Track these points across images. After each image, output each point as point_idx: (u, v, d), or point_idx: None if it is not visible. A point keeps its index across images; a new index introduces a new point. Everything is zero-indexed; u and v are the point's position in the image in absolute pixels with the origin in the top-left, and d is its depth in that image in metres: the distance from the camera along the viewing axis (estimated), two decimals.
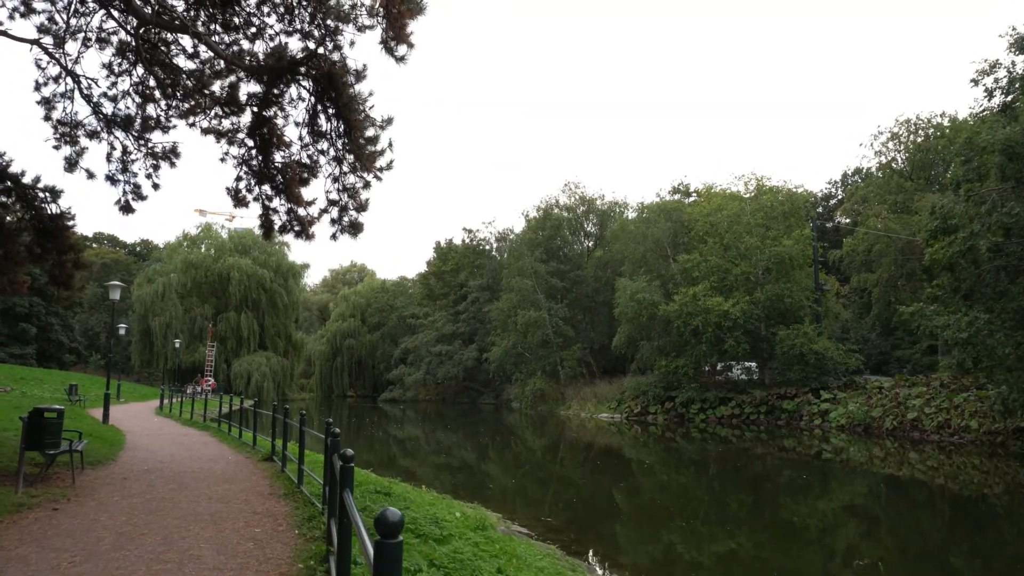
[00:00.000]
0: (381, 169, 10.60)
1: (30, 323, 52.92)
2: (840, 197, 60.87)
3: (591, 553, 10.39)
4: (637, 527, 13.13)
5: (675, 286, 39.97)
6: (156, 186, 12.77)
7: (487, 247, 64.02)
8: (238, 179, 12.59)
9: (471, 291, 62.17)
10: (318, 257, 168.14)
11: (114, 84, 13.27)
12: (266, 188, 12.48)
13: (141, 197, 12.83)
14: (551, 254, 51.11)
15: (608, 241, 51.35)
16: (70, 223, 12.61)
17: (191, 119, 12.89)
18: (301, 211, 12.28)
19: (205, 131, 12.76)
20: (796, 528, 12.94)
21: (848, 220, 52.13)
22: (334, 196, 11.21)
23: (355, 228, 11.05)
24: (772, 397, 34.31)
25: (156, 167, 12.80)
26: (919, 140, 46.74)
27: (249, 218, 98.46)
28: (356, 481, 10.12)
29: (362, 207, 11.03)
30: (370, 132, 10.38)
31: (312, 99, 10.94)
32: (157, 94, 13.28)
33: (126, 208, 12.77)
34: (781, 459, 23.99)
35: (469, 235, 64.09)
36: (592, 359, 49.18)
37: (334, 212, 11.21)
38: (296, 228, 12.41)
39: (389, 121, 10.47)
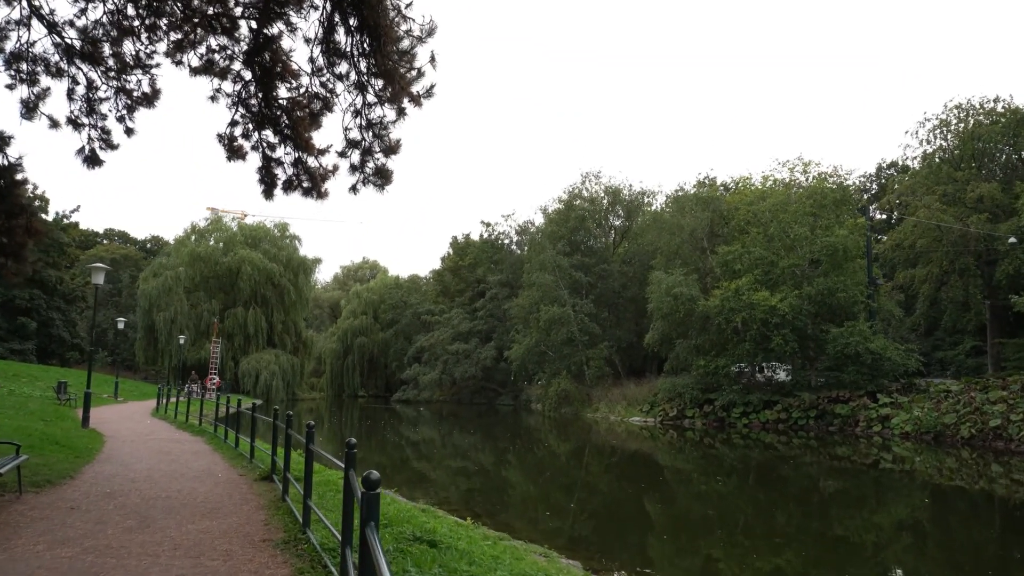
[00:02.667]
0: (419, 96, 7.88)
1: (30, 317, 50.64)
2: (874, 191, 57.95)
3: None
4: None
5: (713, 280, 37.17)
6: (130, 131, 10.11)
7: (506, 241, 61.30)
8: (232, 123, 9.94)
9: (489, 287, 59.44)
10: (329, 252, 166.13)
11: (83, 12, 10.66)
12: (267, 134, 9.83)
13: (111, 146, 10.20)
14: (574, 247, 48.30)
15: (636, 233, 48.46)
16: (21, 177, 10.03)
17: (179, 56, 10.23)
18: (311, 161, 9.62)
19: (195, 71, 10.09)
20: (850, 544, 11.49)
21: (883, 215, 49.04)
22: (355, 135, 8.51)
23: (382, 177, 8.35)
24: (823, 401, 31.41)
25: (131, 108, 10.15)
26: (968, 127, 43.60)
27: (262, 216, 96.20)
28: (384, 517, 7.44)
29: (391, 149, 8.32)
30: (405, 43, 7.68)
31: (327, 6, 8.27)
32: (136, 24, 10.65)
33: (92, 159, 10.12)
34: (833, 468, 21.56)
35: (487, 229, 61.41)
36: (618, 359, 46.37)
37: (355, 156, 8.52)
38: (305, 184, 9.75)
39: (430, 31, 7.77)
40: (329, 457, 4.84)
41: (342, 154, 8.51)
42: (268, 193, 9.88)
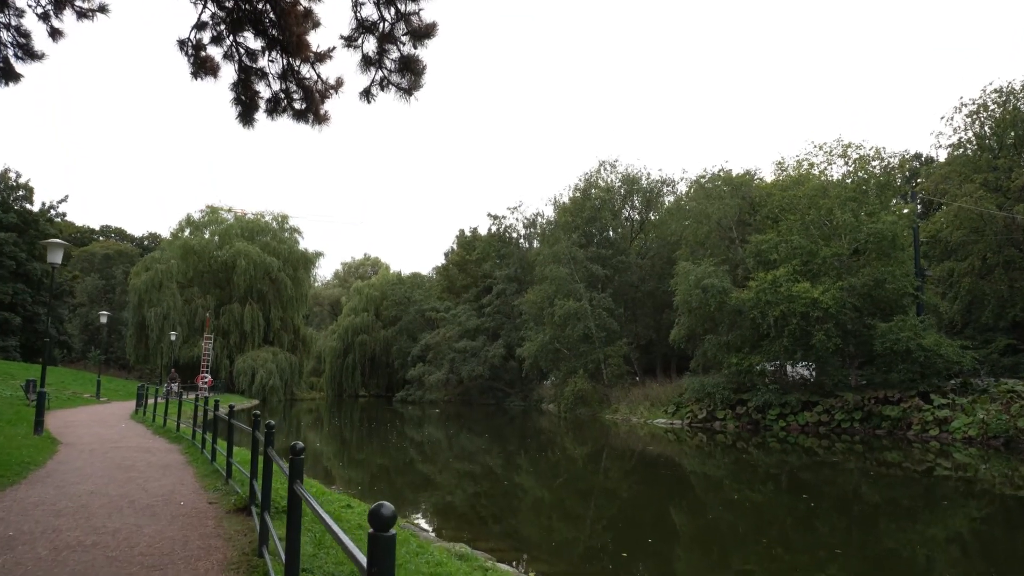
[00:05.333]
0: None
1: (14, 312, 47.91)
2: (897, 183, 55.43)
3: None
4: None
5: (744, 271, 34.47)
6: (56, 34, 7.42)
7: (514, 235, 58.53)
8: (199, 26, 7.23)
9: (496, 282, 56.67)
10: (329, 250, 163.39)
11: None
12: (246, 36, 7.14)
13: (32, 55, 7.51)
14: (589, 239, 45.57)
15: (656, 224, 45.72)
16: None
17: None
18: (306, 71, 6.93)
19: None
20: (902, 559, 10.27)
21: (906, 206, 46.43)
22: (369, 13, 5.80)
23: (410, 70, 5.68)
24: (868, 401, 28.71)
25: (59, 5, 7.49)
26: (1009, 111, 40.88)
27: (261, 211, 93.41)
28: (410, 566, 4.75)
29: (423, 32, 5.64)
30: None
31: None
32: None
33: (5, 73, 7.44)
34: (882, 475, 19.14)
35: (495, 221, 58.55)
36: (635, 357, 43.67)
37: (369, 44, 5.83)
38: (297, 103, 7.08)
39: None
40: (341, 539, 2.16)
41: (350, 41, 5.80)
42: (246, 117, 7.18)
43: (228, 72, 7.37)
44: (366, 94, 5.93)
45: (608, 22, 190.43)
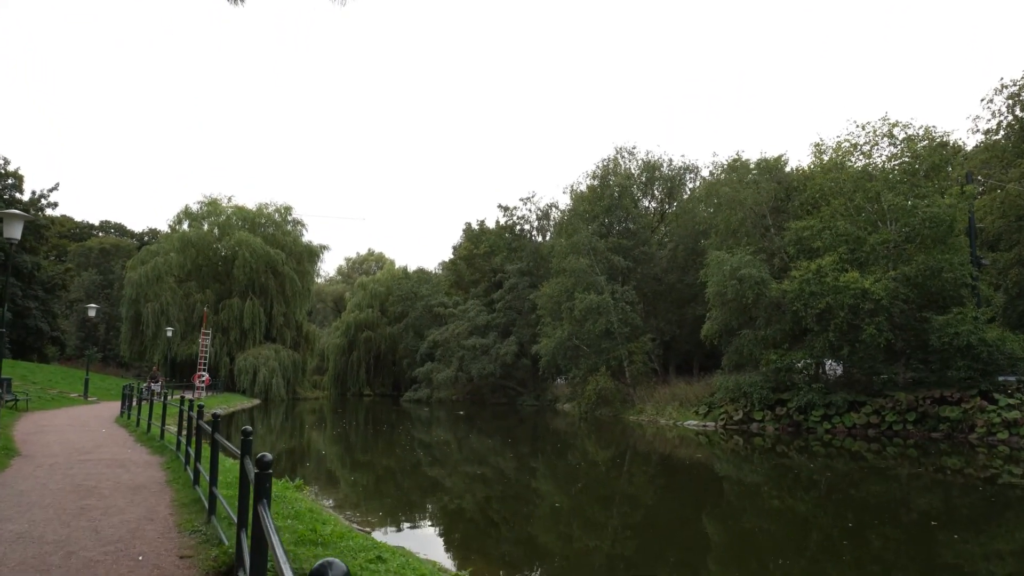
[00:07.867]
0: None
1: (2, 307, 45.55)
2: (923, 172, 52.95)
3: None
4: None
5: (781, 261, 32.09)
6: None
7: (526, 227, 56.07)
8: None
9: (508, 276, 54.20)
10: (332, 245, 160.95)
11: None
12: None
13: None
14: (608, 229, 43.13)
15: (679, 213, 43.27)
16: None
17: None
18: None
19: None
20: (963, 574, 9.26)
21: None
22: None
23: None
24: (924, 402, 26.31)
25: None
26: None
27: (263, 202, 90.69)
28: None
29: None
30: None
31: None
32: None
33: None
34: (940, 482, 17.20)
35: (506, 213, 56.03)
36: (658, 354, 41.28)
37: None
38: None
39: None
40: None
41: None
42: None
43: None
44: None
45: (623, 3, 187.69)
